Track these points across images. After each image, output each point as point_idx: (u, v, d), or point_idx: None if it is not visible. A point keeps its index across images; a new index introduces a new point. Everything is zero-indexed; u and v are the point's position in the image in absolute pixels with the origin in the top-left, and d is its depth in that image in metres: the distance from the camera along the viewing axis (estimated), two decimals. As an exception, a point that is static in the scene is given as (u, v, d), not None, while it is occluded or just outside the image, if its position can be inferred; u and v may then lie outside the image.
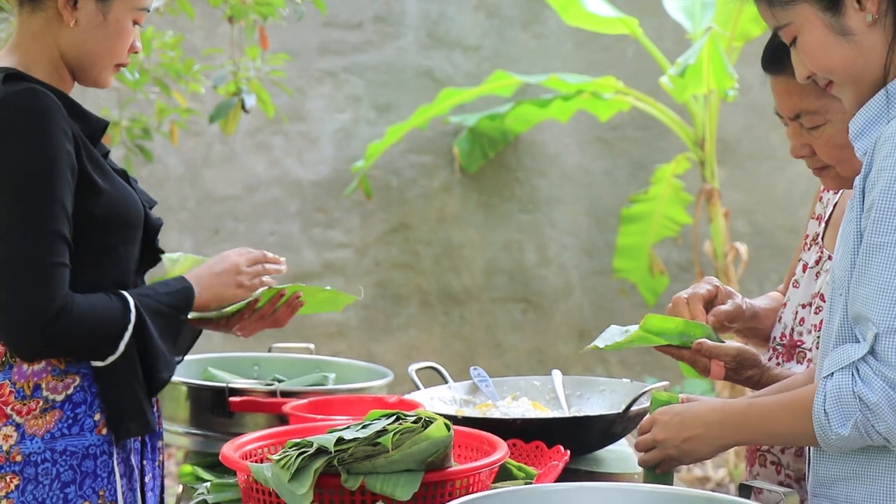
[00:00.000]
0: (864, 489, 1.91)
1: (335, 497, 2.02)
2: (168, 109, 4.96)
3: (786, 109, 2.30)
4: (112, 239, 2.30)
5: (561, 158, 6.75)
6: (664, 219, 6.23)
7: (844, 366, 1.87)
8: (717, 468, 6.31)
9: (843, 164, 2.28)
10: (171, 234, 6.42)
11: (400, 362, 6.24)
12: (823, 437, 1.90)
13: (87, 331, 2.24)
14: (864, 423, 1.84)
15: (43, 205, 2.18)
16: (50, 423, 2.25)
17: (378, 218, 6.65)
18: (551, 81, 6.08)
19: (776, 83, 2.30)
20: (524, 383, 2.99)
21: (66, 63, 2.35)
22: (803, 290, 2.46)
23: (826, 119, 2.25)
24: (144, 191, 2.51)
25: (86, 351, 2.27)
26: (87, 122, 2.35)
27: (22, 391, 2.25)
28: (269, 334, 6.35)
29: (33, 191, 2.18)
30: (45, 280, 2.17)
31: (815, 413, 1.89)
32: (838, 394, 1.87)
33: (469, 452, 2.32)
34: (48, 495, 2.25)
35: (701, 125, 6.00)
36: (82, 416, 2.28)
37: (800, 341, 2.43)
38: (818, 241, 2.48)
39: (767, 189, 6.78)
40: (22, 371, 2.25)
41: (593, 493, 1.91)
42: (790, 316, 2.48)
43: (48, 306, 2.17)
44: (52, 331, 2.18)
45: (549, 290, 6.72)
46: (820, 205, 2.55)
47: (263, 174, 6.57)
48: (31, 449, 2.24)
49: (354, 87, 6.62)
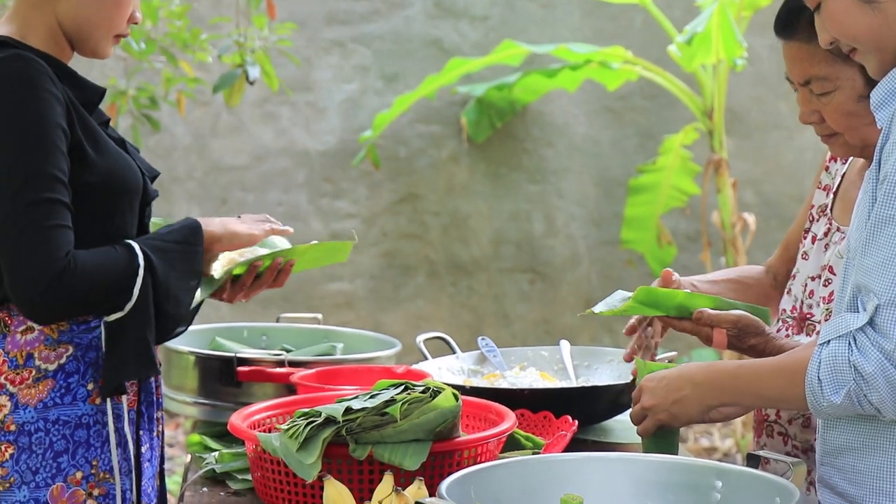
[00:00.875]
0: (872, 460, 1.91)
1: (343, 466, 2.02)
2: (175, 79, 4.94)
3: (796, 75, 2.30)
4: (107, 207, 2.29)
5: (569, 128, 6.73)
6: (672, 189, 6.21)
7: (842, 334, 1.87)
8: (725, 438, 6.32)
9: (851, 131, 2.28)
10: (178, 204, 6.42)
11: (407, 332, 6.24)
12: (814, 404, 1.90)
13: (97, 284, 2.22)
14: (857, 392, 1.84)
15: (37, 171, 2.17)
16: (43, 392, 2.25)
17: (386, 188, 6.64)
18: (559, 51, 6.05)
19: (788, 48, 2.29)
20: (532, 353, 3.00)
21: (64, 32, 2.33)
22: (812, 262, 2.45)
23: (836, 85, 2.25)
24: (147, 161, 2.50)
25: (100, 304, 2.25)
26: (81, 89, 2.33)
27: (15, 360, 2.25)
28: (278, 305, 6.37)
29: (26, 157, 2.17)
30: (45, 242, 2.16)
31: (809, 379, 1.89)
32: (833, 362, 1.87)
33: (477, 422, 2.32)
34: (41, 464, 2.25)
35: (709, 95, 5.97)
36: (75, 386, 2.28)
37: (809, 314, 2.42)
38: (826, 213, 2.47)
39: (775, 159, 6.76)
40: (15, 340, 2.25)
41: (601, 464, 1.92)
42: (799, 288, 2.47)
43: (50, 267, 2.16)
44: (61, 290, 2.17)
45: (557, 261, 6.72)
46: (827, 175, 2.53)
47: (271, 144, 6.56)
48: (24, 418, 2.24)
49: (362, 56, 6.60)
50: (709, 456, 6.03)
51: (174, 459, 5.80)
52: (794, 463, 1.83)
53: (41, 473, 2.25)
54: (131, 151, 2.43)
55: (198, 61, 4.91)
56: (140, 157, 2.48)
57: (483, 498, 1.76)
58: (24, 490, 2.24)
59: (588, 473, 1.88)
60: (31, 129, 2.18)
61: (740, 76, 6.39)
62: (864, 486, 1.91)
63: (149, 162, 2.51)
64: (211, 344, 3.11)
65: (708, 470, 1.87)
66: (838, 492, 1.94)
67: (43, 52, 2.29)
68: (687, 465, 1.90)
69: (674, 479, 1.87)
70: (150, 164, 2.49)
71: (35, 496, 2.25)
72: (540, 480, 1.87)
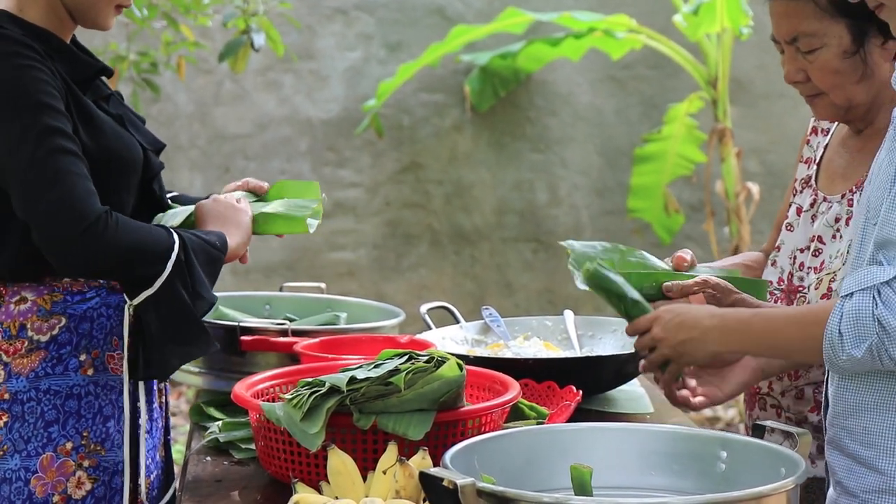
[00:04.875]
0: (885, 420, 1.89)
1: (347, 436, 2.02)
2: (176, 44, 4.91)
3: (783, 32, 2.29)
4: (102, 185, 2.23)
5: (572, 97, 6.70)
6: (678, 157, 6.19)
7: (866, 287, 1.83)
8: (728, 408, 6.33)
9: (837, 90, 2.27)
10: (181, 172, 6.40)
11: (410, 302, 6.24)
12: (833, 357, 1.87)
13: (134, 243, 2.18)
14: (878, 346, 1.82)
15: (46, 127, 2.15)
16: (35, 362, 2.26)
17: (389, 157, 6.63)
18: (563, 19, 6.03)
19: (776, 5, 2.29)
20: (536, 323, 2.99)
21: (64, 4, 2.30)
22: (800, 233, 2.44)
23: (823, 42, 2.25)
24: (151, 133, 2.48)
25: (132, 266, 2.21)
26: (75, 65, 2.30)
27: (8, 331, 2.25)
28: (281, 273, 6.37)
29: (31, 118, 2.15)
30: (77, 188, 2.14)
31: (829, 332, 1.86)
32: (857, 315, 1.83)
33: (481, 392, 2.32)
34: (33, 434, 2.26)
35: (714, 64, 5.95)
36: (67, 356, 2.28)
37: (800, 286, 2.40)
38: (810, 184, 2.46)
39: (780, 129, 6.74)
40: (9, 311, 2.25)
41: (605, 434, 1.91)
42: (786, 260, 2.45)
43: (87, 213, 2.13)
44: (96, 239, 2.13)
45: (560, 230, 6.70)
46: (808, 148, 2.53)
47: (274, 112, 6.54)
48: (17, 387, 2.25)
49: (365, 24, 6.57)
50: (712, 426, 6.03)
51: (177, 428, 5.81)
52: (799, 433, 1.82)
53: (32, 442, 2.26)
54: (133, 126, 2.40)
55: (199, 25, 4.88)
56: (145, 129, 2.45)
57: (487, 468, 1.75)
58: (16, 458, 2.25)
59: (592, 443, 1.88)
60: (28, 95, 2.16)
61: (745, 45, 6.36)
62: (875, 447, 1.89)
63: (152, 131, 2.49)
64: (214, 313, 3.10)
65: (713, 440, 1.87)
66: (849, 453, 1.93)
67: (40, 28, 2.26)
68: (692, 436, 1.90)
69: (678, 449, 1.87)
70: (154, 137, 2.46)
71: (26, 464, 2.26)
72: (544, 450, 1.86)
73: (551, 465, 1.84)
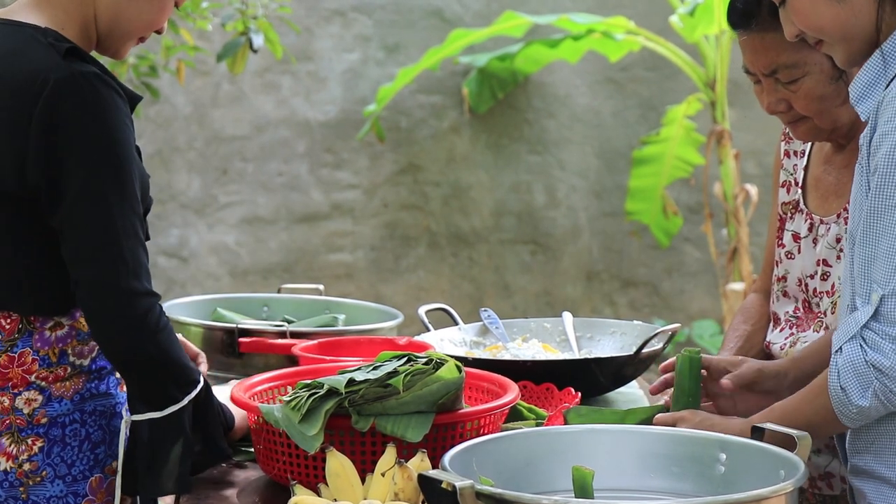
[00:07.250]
0: None
1: (346, 438, 2.02)
2: (175, 47, 4.92)
3: (761, 66, 2.27)
4: None
5: (570, 99, 6.70)
6: (677, 160, 6.19)
7: (851, 336, 1.86)
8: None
9: (822, 114, 2.26)
10: (179, 175, 6.40)
11: (408, 304, 6.24)
12: (843, 413, 1.89)
13: (170, 347, 2.10)
14: (882, 389, 1.83)
15: (133, 191, 2.09)
16: (79, 384, 2.17)
17: (387, 159, 6.63)
18: (561, 21, 6.03)
19: (750, 40, 2.27)
20: (534, 325, 2.99)
21: (98, 29, 2.18)
22: (804, 259, 2.42)
23: (805, 72, 2.24)
24: None
25: (161, 373, 2.11)
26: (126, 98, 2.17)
27: (47, 358, 2.14)
28: (279, 276, 6.37)
29: (122, 177, 2.07)
30: (144, 266, 2.08)
31: (833, 391, 1.88)
32: (852, 366, 1.85)
33: (480, 394, 2.32)
34: (78, 457, 2.16)
35: (712, 66, 5.95)
36: (106, 374, 2.21)
37: (819, 313, 2.39)
38: (800, 208, 2.44)
39: (778, 131, 6.68)
40: (45, 337, 2.14)
41: (604, 436, 1.91)
42: (796, 288, 2.43)
43: (148, 295, 2.08)
44: (148, 325, 2.06)
45: (558, 232, 6.71)
46: (785, 172, 2.50)
47: (272, 114, 6.54)
48: (58, 411, 2.15)
49: (363, 26, 6.57)
50: (709, 427, 6.02)
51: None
52: (799, 436, 1.82)
53: (77, 466, 2.17)
54: None
55: (198, 29, 4.88)
56: None
57: (486, 470, 1.75)
58: (58, 484, 2.15)
59: (591, 445, 1.88)
60: (123, 152, 2.08)
61: (743, 47, 6.35)
62: None
63: (149, 133, 2.42)
64: (212, 315, 3.11)
65: (712, 442, 1.87)
66: (876, 476, 1.93)
67: (84, 51, 2.13)
68: (691, 438, 1.90)
69: (678, 451, 1.87)
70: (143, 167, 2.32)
71: (73, 489, 2.16)
72: (543, 452, 1.86)
73: (550, 467, 1.84)
